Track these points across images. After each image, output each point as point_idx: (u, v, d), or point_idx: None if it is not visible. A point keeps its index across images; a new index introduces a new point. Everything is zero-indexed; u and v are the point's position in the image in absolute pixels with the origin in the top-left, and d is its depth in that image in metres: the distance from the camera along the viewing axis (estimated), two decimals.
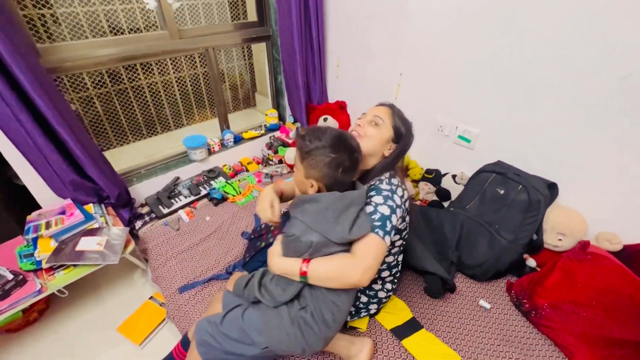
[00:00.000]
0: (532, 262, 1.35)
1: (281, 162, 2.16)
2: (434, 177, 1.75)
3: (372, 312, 1.15)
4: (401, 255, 1.12)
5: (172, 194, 1.85)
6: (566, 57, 1.17)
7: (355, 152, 0.86)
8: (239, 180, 2.01)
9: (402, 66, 1.74)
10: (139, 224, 1.68)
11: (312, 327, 0.85)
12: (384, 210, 0.87)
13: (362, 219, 0.84)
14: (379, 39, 1.78)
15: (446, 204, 1.67)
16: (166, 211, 1.73)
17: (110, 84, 2.09)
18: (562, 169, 1.32)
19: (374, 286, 1.10)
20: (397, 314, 1.19)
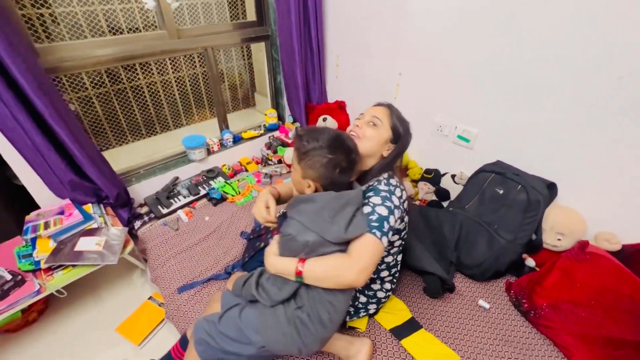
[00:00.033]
0: (531, 262, 1.35)
1: (280, 162, 2.16)
2: (433, 177, 1.75)
3: (371, 312, 1.15)
4: (400, 255, 1.12)
5: (171, 194, 1.84)
6: (566, 57, 1.17)
7: (352, 152, 0.86)
8: (238, 180, 2.01)
9: (402, 66, 1.74)
10: (138, 224, 1.68)
11: (308, 327, 0.85)
12: (381, 210, 0.87)
13: (359, 218, 0.84)
14: (378, 39, 1.78)
15: (445, 203, 1.67)
16: (165, 211, 1.73)
17: (109, 84, 2.09)
18: (562, 169, 1.32)
19: (372, 286, 1.10)
20: (396, 314, 1.19)
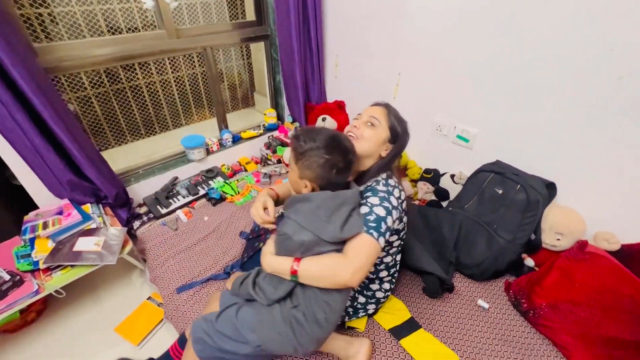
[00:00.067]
0: (530, 261, 1.35)
1: (280, 161, 2.16)
2: (432, 176, 1.75)
3: (370, 312, 1.14)
4: (399, 255, 1.11)
5: (170, 194, 1.84)
6: (566, 57, 1.17)
7: (349, 153, 0.86)
8: (238, 180, 2.01)
9: (401, 66, 1.74)
10: (137, 224, 1.68)
11: (303, 327, 0.85)
12: (379, 211, 0.86)
13: (355, 218, 0.84)
14: (378, 39, 1.77)
15: (445, 203, 1.67)
16: (164, 211, 1.73)
17: (108, 84, 2.08)
18: (562, 169, 1.32)
19: (371, 286, 1.10)
20: (395, 314, 1.19)
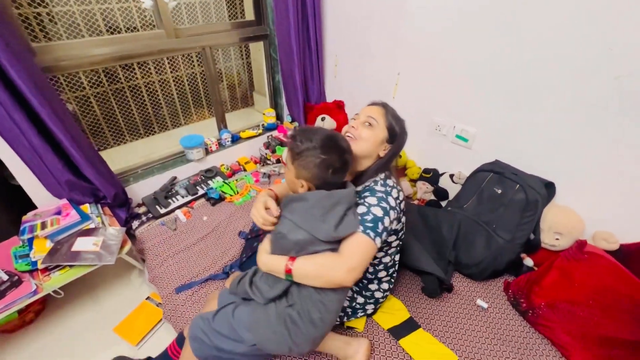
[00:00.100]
0: (529, 261, 1.35)
1: (279, 161, 2.15)
2: (431, 176, 1.74)
3: (369, 312, 1.14)
4: (398, 255, 1.11)
5: (169, 193, 1.84)
6: (566, 57, 1.17)
7: (345, 153, 0.86)
8: (237, 179, 2.00)
9: (401, 66, 1.73)
10: (135, 224, 1.67)
11: (298, 326, 0.85)
12: (376, 211, 0.86)
13: (350, 217, 0.84)
14: (378, 39, 1.77)
15: (444, 203, 1.67)
16: (163, 211, 1.72)
17: (107, 84, 2.08)
18: (562, 169, 1.32)
19: (370, 287, 1.10)
20: (394, 313, 1.19)
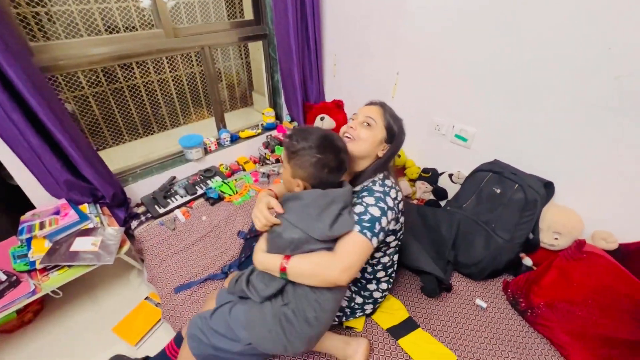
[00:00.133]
0: (528, 261, 1.35)
1: (278, 161, 2.15)
2: (430, 176, 1.74)
3: (367, 312, 1.14)
4: (396, 255, 1.11)
5: (168, 193, 1.84)
6: (566, 57, 1.17)
7: (341, 152, 0.87)
8: (236, 179, 2.00)
9: (400, 65, 1.73)
10: (134, 223, 1.67)
11: (293, 325, 0.85)
12: (374, 211, 0.86)
13: (345, 216, 0.84)
14: (377, 38, 1.77)
15: (443, 203, 1.67)
16: (162, 211, 1.72)
17: (105, 83, 2.07)
18: (561, 169, 1.32)
19: (369, 287, 1.09)
20: (393, 313, 1.19)
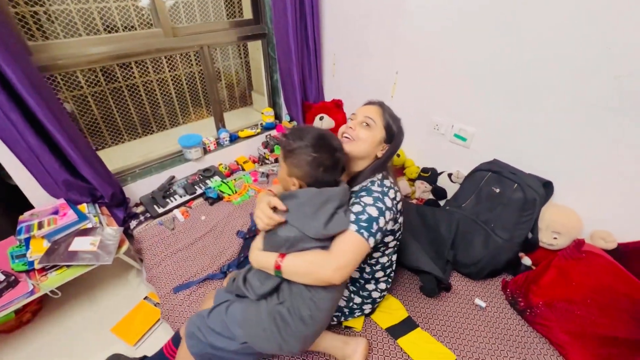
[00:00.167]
0: (527, 260, 1.35)
1: (277, 161, 2.15)
2: (430, 175, 1.74)
3: (366, 312, 1.14)
4: (395, 255, 1.11)
5: (167, 193, 1.83)
6: (566, 57, 1.17)
7: (336, 151, 0.87)
8: (235, 179, 2.00)
9: (399, 65, 1.73)
10: (133, 223, 1.67)
11: (288, 323, 0.85)
12: (372, 211, 0.86)
13: (340, 215, 0.85)
14: (376, 38, 1.77)
15: (442, 202, 1.67)
16: (161, 210, 1.72)
17: (104, 83, 2.07)
18: (561, 169, 1.32)
19: (367, 286, 1.09)
20: (392, 313, 1.19)
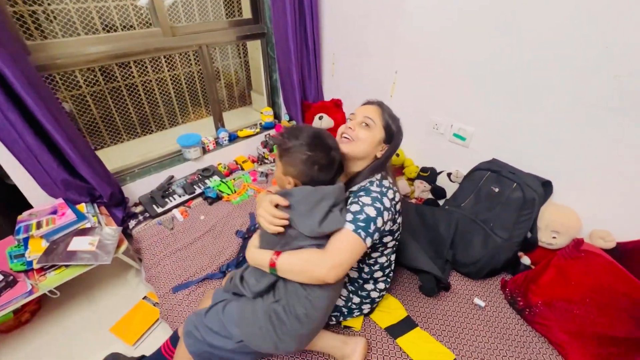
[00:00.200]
0: (526, 259, 1.35)
1: None
2: (429, 175, 1.74)
3: (365, 312, 1.14)
4: (394, 255, 1.11)
5: (166, 193, 1.83)
6: (566, 57, 1.17)
7: (332, 150, 0.87)
8: (234, 179, 2.00)
9: (399, 64, 1.73)
10: (132, 223, 1.67)
11: (283, 321, 0.85)
12: (370, 211, 0.86)
13: (335, 214, 0.85)
14: (375, 37, 1.77)
15: (441, 202, 1.67)
16: (160, 210, 1.72)
17: (103, 82, 2.07)
18: (561, 169, 1.32)
19: (366, 286, 1.09)
20: (391, 312, 1.19)
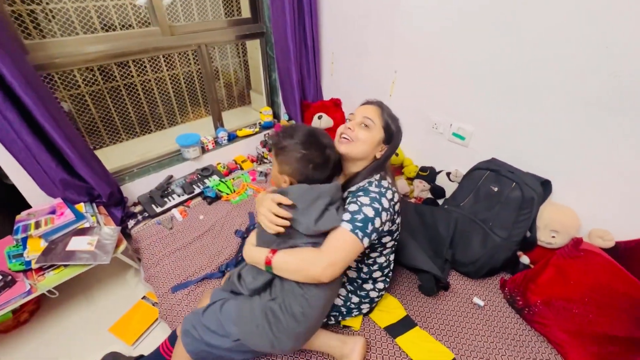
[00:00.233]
0: (525, 259, 1.35)
1: None
2: (428, 174, 1.74)
3: (364, 311, 1.14)
4: (393, 255, 1.11)
5: (165, 192, 1.83)
6: (566, 57, 1.16)
7: (326, 148, 0.88)
8: (233, 178, 1.99)
9: (398, 64, 1.73)
10: (131, 223, 1.66)
11: (279, 320, 0.85)
12: (368, 211, 0.86)
13: (331, 212, 0.85)
14: (375, 37, 1.76)
15: (441, 201, 1.67)
16: (159, 210, 1.71)
17: (102, 82, 2.07)
18: (561, 168, 1.32)
19: (365, 286, 1.09)
20: (390, 312, 1.19)
